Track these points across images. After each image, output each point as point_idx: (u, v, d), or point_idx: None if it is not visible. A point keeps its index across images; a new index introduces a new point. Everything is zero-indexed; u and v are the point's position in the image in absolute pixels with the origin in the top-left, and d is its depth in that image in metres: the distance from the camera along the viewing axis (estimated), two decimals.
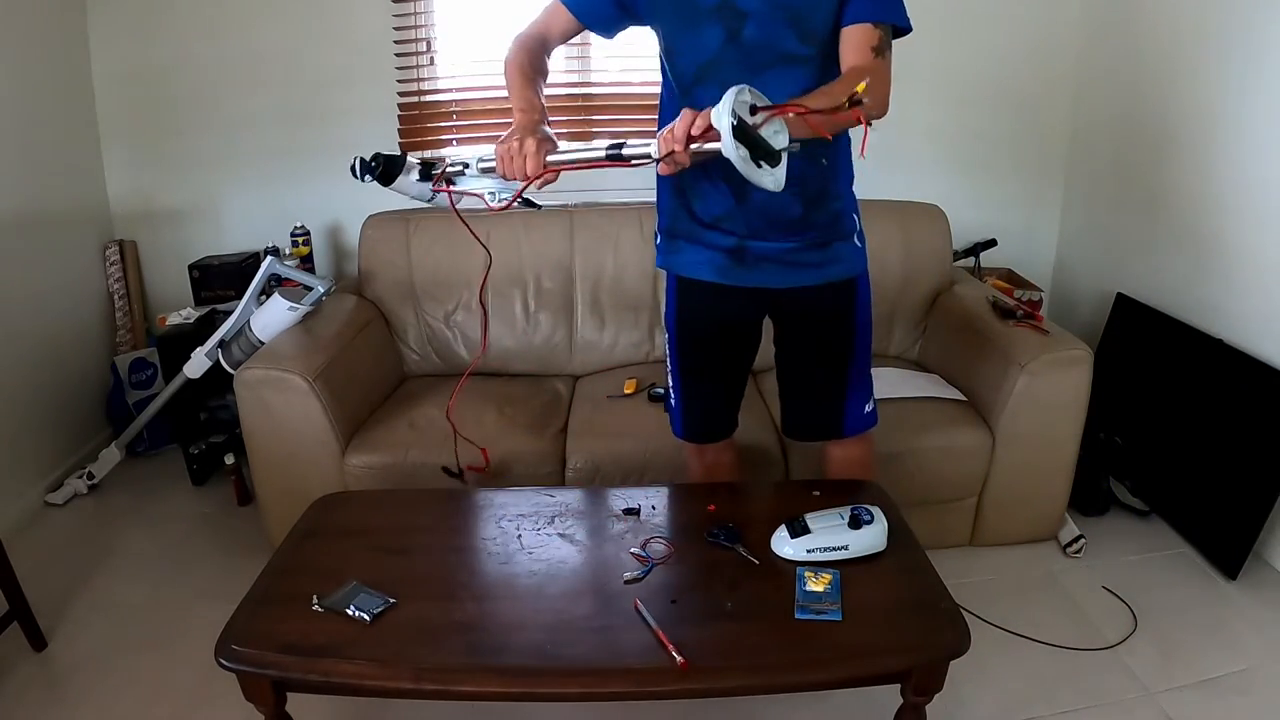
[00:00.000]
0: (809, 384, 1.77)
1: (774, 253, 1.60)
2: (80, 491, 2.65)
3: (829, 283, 1.64)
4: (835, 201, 1.61)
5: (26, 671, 1.90)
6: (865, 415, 1.79)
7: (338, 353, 2.27)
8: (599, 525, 1.63)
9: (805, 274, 1.62)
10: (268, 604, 1.40)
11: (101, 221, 2.95)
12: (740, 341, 1.78)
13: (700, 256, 1.64)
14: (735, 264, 1.62)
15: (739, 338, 1.77)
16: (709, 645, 1.29)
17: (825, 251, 1.62)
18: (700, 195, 1.59)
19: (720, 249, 1.61)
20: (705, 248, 1.63)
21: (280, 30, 2.81)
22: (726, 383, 1.82)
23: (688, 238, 1.65)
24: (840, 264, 1.65)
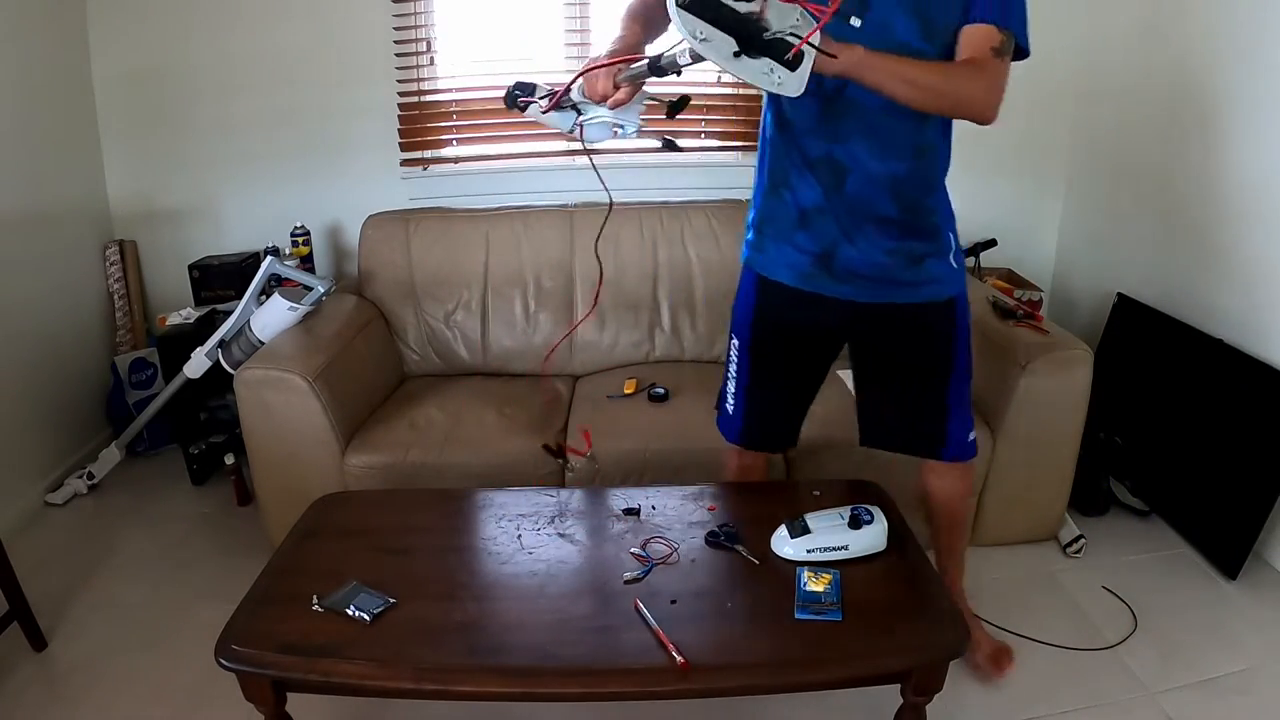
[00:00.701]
0: (901, 400, 1.69)
1: (864, 267, 1.53)
2: (80, 491, 2.65)
3: (926, 302, 1.57)
4: (932, 215, 1.55)
5: (26, 671, 1.90)
6: (968, 443, 1.71)
7: (338, 353, 2.27)
8: (599, 525, 1.63)
9: (897, 291, 1.55)
10: (268, 604, 1.40)
11: (101, 221, 2.95)
12: (817, 351, 1.71)
13: (786, 258, 1.58)
14: (821, 272, 1.55)
15: (816, 347, 1.70)
16: (709, 645, 1.29)
17: (918, 269, 1.55)
18: (792, 183, 1.53)
19: (808, 253, 1.55)
20: (793, 249, 1.57)
21: (280, 30, 2.81)
22: (793, 392, 1.76)
23: (776, 237, 1.59)
24: (935, 284, 1.57)
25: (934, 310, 1.59)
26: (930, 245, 1.55)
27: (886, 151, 1.44)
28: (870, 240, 1.51)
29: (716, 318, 2.67)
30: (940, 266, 1.57)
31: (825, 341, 1.70)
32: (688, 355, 2.68)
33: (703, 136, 3.04)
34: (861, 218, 1.50)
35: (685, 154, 3.07)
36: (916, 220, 1.53)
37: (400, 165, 2.96)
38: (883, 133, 1.42)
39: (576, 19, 2.88)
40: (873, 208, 1.49)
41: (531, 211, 2.74)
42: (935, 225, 1.56)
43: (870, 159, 1.44)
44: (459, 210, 2.79)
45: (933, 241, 1.55)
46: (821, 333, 1.67)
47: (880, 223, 1.50)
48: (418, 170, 2.98)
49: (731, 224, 2.69)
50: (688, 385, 2.41)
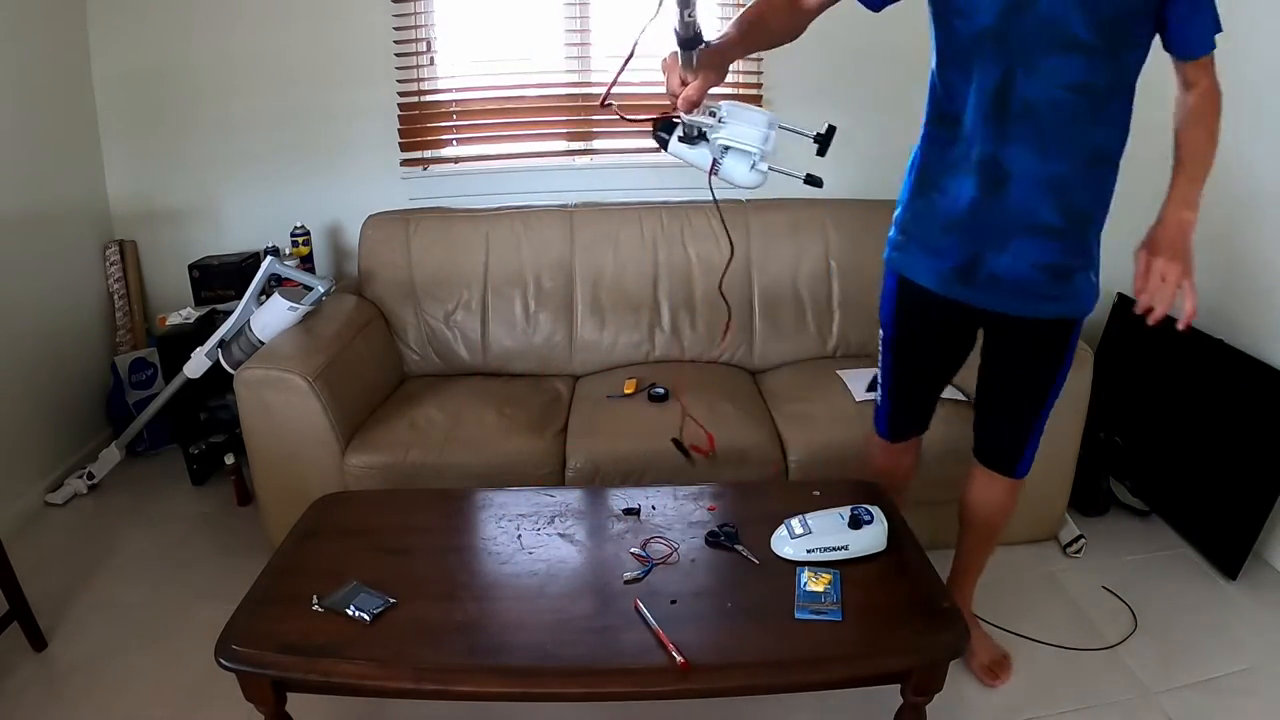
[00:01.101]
0: (1010, 410, 1.65)
1: (1010, 274, 1.44)
2: (80, 491, 2.65)
3: (1057, 318, 1.51)
4: (1094, 229, 1.47)
5: (26, 671, 1.90)
6: (1029, 463, 1.70)
7: (338, 353, 2.27)
8: (599, 525, 1.63)
9: (1040, 305, 1.47)
10: (268, 604, 1.40)
11: (101, 221, 2.95)
12: (955, 349, 1.68)
13: (929, 264, 1.52)
14: (962, 281, 1.48)
15: (954, 345, 1.67)
16: (709, 645, 1.29)
17: (1066, 284, 1.46)
18: (944, 185, 1.45)
19: (952, 259, 1.48)
20: (936, 257, 1.50)
21: (280, 30, 2.81)
22: (930, 384, 1.76)
23: (921, 241, 1.53)
24: (1076, 300, 1.49)
25: (1061, 327, 1.53)
26: (1083, 259, 1.46)
27: (1057, 155, 1.35)
28: (1022, 251, 1.42)
29: (716, 318, 2.67)
30: (1084, 281, 1.48)
31: (963, 339, 1.66)
32: (688, 355, 2.68)
33: None
34: (1017, 226, 1.41)
35: None
36: (1078, 232, 1.43)
37: (400, 165, 2.96)
38: (1054, 134, 1.32)
39: (576, 19, 2.88)
40: (1032, 216, 1.39)
41: (531, 211, 2.74)
42: (1091, 242, 1.47)
43: (1037, 163, 1.35)
44: (459, 210, 2.79)
45: (1085, 255, 1.46)
46: (960, 333, 1.64)
47: (1037, 232, 1.41)
48: (418, 170, 2.98)
49: (731, 224, 2.69)
50: (688, 385, 2.41)
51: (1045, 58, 1.26)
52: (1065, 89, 1.25)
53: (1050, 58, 1.26)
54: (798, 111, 2.91)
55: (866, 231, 2.65)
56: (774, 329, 2.67)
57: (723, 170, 1.16)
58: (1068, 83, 1.26)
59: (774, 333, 2.67)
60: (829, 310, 2.68)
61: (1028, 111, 1.31)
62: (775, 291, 2.68)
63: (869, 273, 2.63)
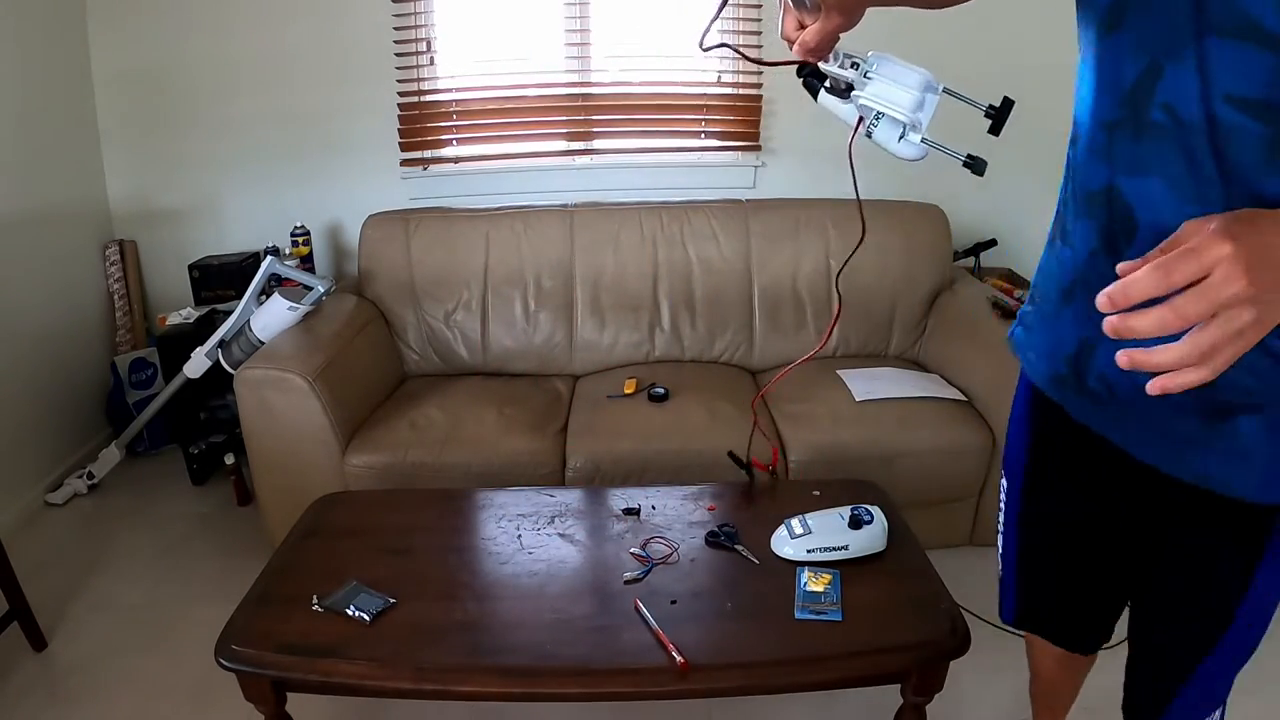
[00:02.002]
0: (1150, 646, 1.11)
1: (1124, 383, 0.87)
2: (80, 491, 2.65)
3: (1216, 493, 0.86)
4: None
5: (26, 671, 1.90)
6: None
7: (338, 353, 2.27)
8: (599, 525, 1.63)
9: (1173, 453, 0.89)
10: (268, 604, 1.40)
11: (101, 221, 2.95)
12: (1104, 519, 1.08)
13: (1043, 349, 1.02)
14: (1075, 383, 0.95)
15: (1102, 511, 1.07)
16: (709, 645, 1.29)
17: (1218, 426, 0.84)
18: (1068, 229, 0.97)
19: (1066, 347, 0.95)
20: (1053, 338, 0.99)
21: (280, 30, 2.81)
22: (1085, 570, 1.16)
23: (1042, 310, 1.02)
24: (1242, 463, 0.84)
25: (1228, 511, 0.87)
26: (1251, 386, 0.79)
27: (1204, 199, 0.78)
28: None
29: (716, 317, 2.67)
30: (1260, 433, 0.82)
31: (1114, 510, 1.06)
32: (688, 355, 2.68)
33: (703, 136, 3.04)
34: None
35: (685, 154, 3.08)
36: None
37: (400, 165, 2.96)
38: (1204, 169, 0.77)
39: (576, 19, 2.88)
40: None
41: (531, 211, 2.74)
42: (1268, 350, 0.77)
43: (1172, 204, 0.80)
44: (459, 210, 2.79)
45: (1256, 378, 0.78)
46: (1105, 491, 1.04)
47: None
48: (418, 170, 2.99)
49: (731, 224, 2.69)
50: (688, 385, 2.41)
51: (1213, 41, 0.75)
52: (1233, 103, 0.74)
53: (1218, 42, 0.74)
54: (794, 114, 2.92)
55: (867, 232, 2.65)
56: (774, 329, 2.68)
57: (876, 135, 0.92)
58: (1239, 93, 0.74)
59: (774, 333, 2.67)
60: (829, 310, 2.68)
61: (1173, 130, 0.79)
62: (775, 291, 2.68)
63: (869, 273, 2.65)
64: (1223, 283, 0.57)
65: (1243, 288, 0.57)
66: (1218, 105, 0.76)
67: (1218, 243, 0.58)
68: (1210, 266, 0.58)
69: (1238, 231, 0.59)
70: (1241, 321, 0.58)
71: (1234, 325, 0.58)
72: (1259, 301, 0.58)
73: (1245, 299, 0.57)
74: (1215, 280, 0.57)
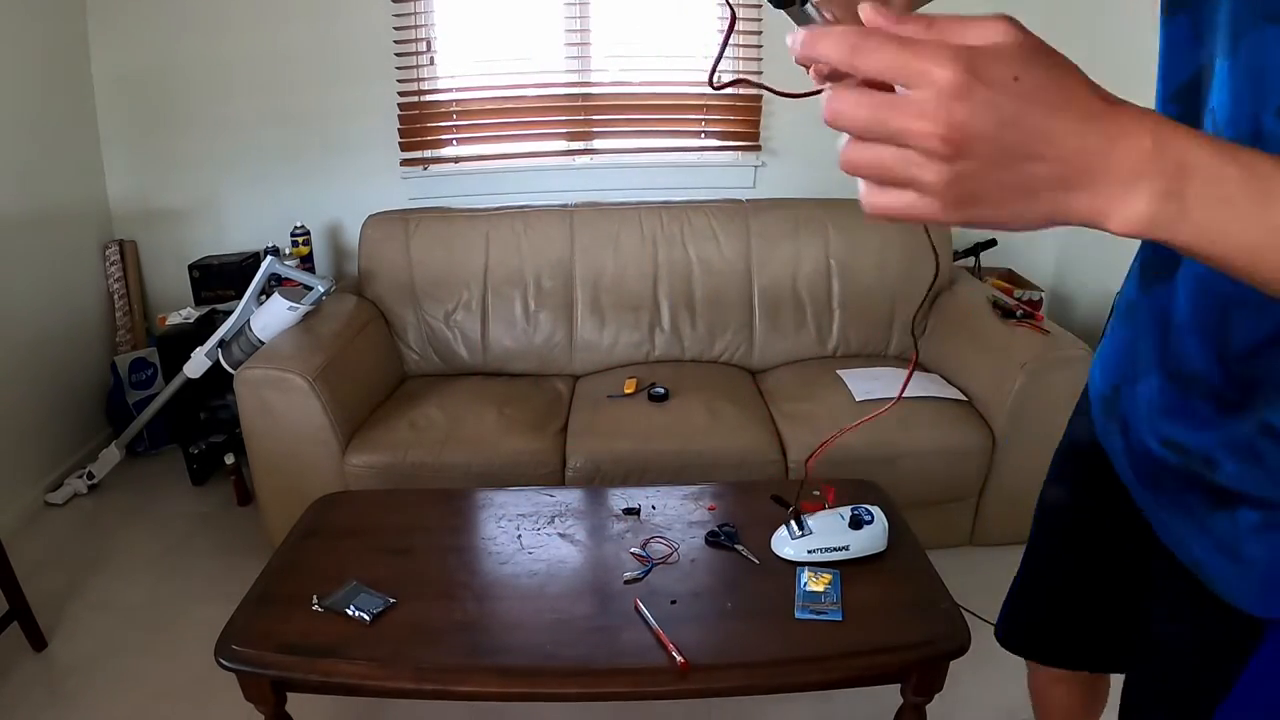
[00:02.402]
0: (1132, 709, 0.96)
1: (1136, 429, 0.79)
2: (80, 491, 2.65)
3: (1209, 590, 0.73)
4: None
5: (26, 671, 1.90)
6: None
7: (338, 353, 2.27)
8: (599, 525, 1.63)
9: (1179, 529, 0.76)
10: (268, 604, 1.40)
11: (101, 221, 2.95)
12: (1097, 536, 0.99)
13: (1101, 362, 0.90)
14: (1106, 412, 0.87)
15: (1097, 529, 0.98)
16: (709, 645, 1.29)
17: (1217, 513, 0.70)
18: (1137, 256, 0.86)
19: (1110, 378, 0.86)
20: (1110, 343, 0.89)
21: (280, 30, 2.81)
22: (1078, 580, 1.05)
23: (1112, 326, 0.91)
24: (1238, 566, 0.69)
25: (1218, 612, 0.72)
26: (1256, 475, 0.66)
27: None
28: (1153, 404, 0.76)
29: (716, 318, 2.67)
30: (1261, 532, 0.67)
31: (1107, 532, 0.96)
32: (688, 355, 2.68)
33: (703, 136, 3.04)
34: (1162, 354, 0.75)
35: (685, 154, 3.08)
36: (1247, 411, 0.66)
37: (400, 165, 2.96)
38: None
39: (576, 19, 2.88)
40: (1180, 344, 0.72)
41: (531, 211, 2.74)
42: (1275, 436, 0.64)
43: None
44: (459, 210, 2.79)
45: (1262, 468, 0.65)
46: (1101, 511, 0.94)
47: (1180, 379, 0.72)
48: (418, 170, 2.99)
49: (731, 224, 2.69)
50: (688, 385, 2.41)
51: (1268, 45, 0.57)
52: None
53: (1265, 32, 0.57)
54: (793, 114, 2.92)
55: (867, 231, 2.65)
56: (774, 329, 2.68)
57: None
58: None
59: (774, 333, 2.67)
60: (829, 310, 2.68)
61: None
62: (775, 291, 2.68)
63: (869, 273, 2.65)
64: (913, 111, 0.39)
65: (931, 132, 0.39)
66: (1267, 117, 0.57)
67: (944, 62, 0.38)
68: (915, 78, 0.39)
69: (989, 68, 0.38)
70: (915, 174, 0.40)
71: (904, 170, 0.41)
72: (953, 168, 0.39)
73: (932, 150, 0.39)
74: (909, 100, 0.39)
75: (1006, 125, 0.39)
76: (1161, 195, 0.40)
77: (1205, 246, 0.42)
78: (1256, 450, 0.64)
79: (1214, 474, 0.68)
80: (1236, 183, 0.41)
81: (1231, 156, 0.41)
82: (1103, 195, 0.40)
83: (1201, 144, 0.41)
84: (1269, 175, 0.41)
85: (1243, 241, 0.42)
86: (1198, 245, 0.42)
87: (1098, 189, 0.40)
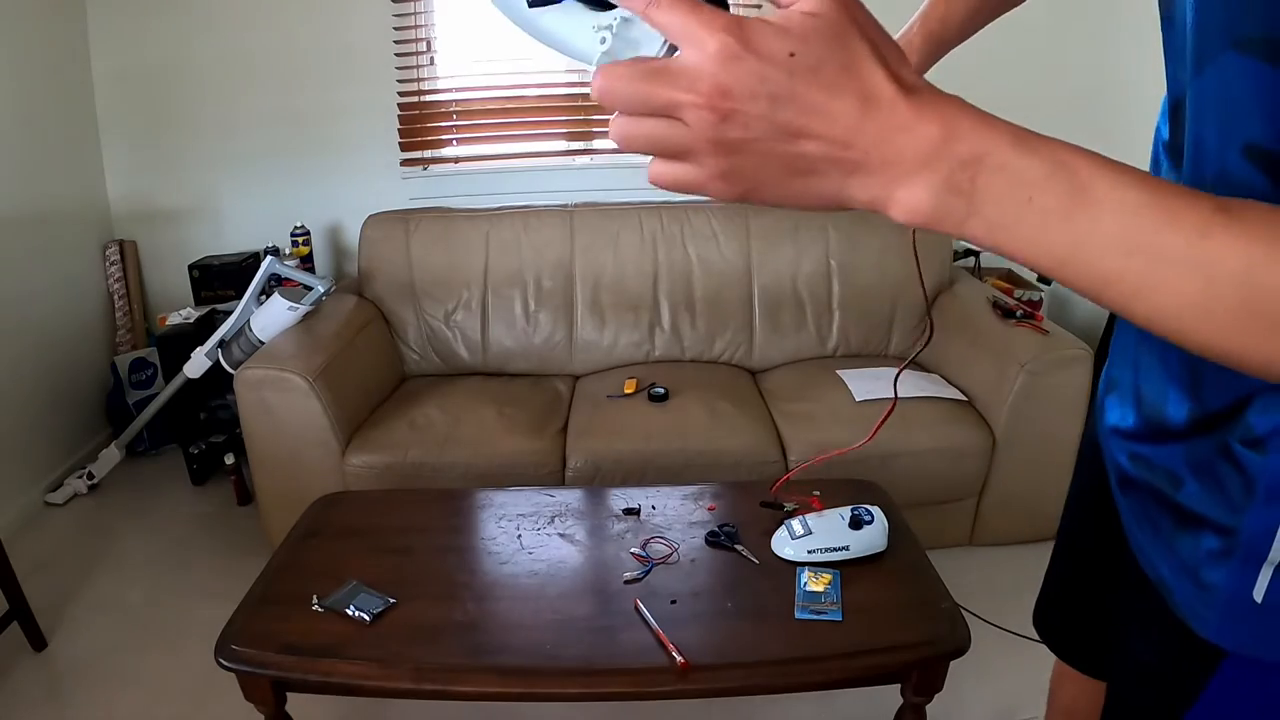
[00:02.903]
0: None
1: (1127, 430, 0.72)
2: (80, 491, 2.65)
3: (1165, 610, 0.68)
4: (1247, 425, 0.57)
5: (26, 671, 1.90)
6: None
7: (338, 353, 2.27)
8: (599, 525, 1.63)
9: (1145, 538, 0.71)
10: (268, 604, 1.40)
11: (101, 221, 2.95)
12: (1094, 523, 0.95)
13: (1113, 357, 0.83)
14: (1095, 410, 0.85)
15: (1097, 520, 0.92)
16: (709, 645, 1.29)
17: (1185, 534, 0.64)
18: None
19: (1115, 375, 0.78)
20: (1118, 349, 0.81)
21: (280, 30, 2.81)
22: (1085, 569, 1.02)
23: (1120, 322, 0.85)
24: (1202, 591, 0.63)
25: (1180, 632, 0.66)
26: (1216, 500, 0.61)
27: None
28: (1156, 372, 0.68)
29: (716, 317, 2.67)
30: (1222, 560, 0.61)
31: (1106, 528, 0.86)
32: (688, 355, 2.68)
33: None
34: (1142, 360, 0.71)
35: None
36: (1208, 442, 0.62)
37: (400, 165, 2.96)
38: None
39: None
40: (1156, 366, 0.69)
41: (531, 211, 2.74)
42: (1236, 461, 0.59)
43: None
44: (459, 210, 2.80)
45: (1221, 492, 0.60)
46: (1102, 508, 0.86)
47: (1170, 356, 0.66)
48: (418, 170, 2.99)
49: (731, 224, 2.69)
50: (688, 385, 2.41)
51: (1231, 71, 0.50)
52: (1254, 157, 0.50)
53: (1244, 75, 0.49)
54: None
55: (867, 232, 2.65)
56: (774, 329, 2.68)
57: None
58: (1263, 141, 0.49)
59: (774, 333, 2.67)
60: (829, 310, 2.68)
61: (1190, 180, 0.58)
62: (775, 291, 2.68)
63: (869, 273, 2.65)
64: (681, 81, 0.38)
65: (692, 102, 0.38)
66: (1232, 156, 0.51)
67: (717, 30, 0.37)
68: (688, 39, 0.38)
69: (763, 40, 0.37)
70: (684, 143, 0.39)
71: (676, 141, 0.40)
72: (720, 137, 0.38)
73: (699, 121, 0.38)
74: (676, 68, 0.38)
75: (777, 100, 0.37)
76: (944, 187, 0.38)
77: (1002, 247, 0.40)
78: (1216, 472, 0.60)
79: (1177, 493, 0.65)
80: (1041, 182, 0.38)
81: (1041, 152, 0.38)
82: (881, 182, 0.39)
83: (1004, 135, 0.38)
84: (1087, 179, 0.38)
85: (1044, 247, 0.39)
86: (992, 244, 0.40)
87: (874, 175, 0.39)
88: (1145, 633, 0.76)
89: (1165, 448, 0.67)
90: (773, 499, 1.65)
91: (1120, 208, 0.37)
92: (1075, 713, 1.14)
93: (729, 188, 0.41)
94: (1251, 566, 0.59)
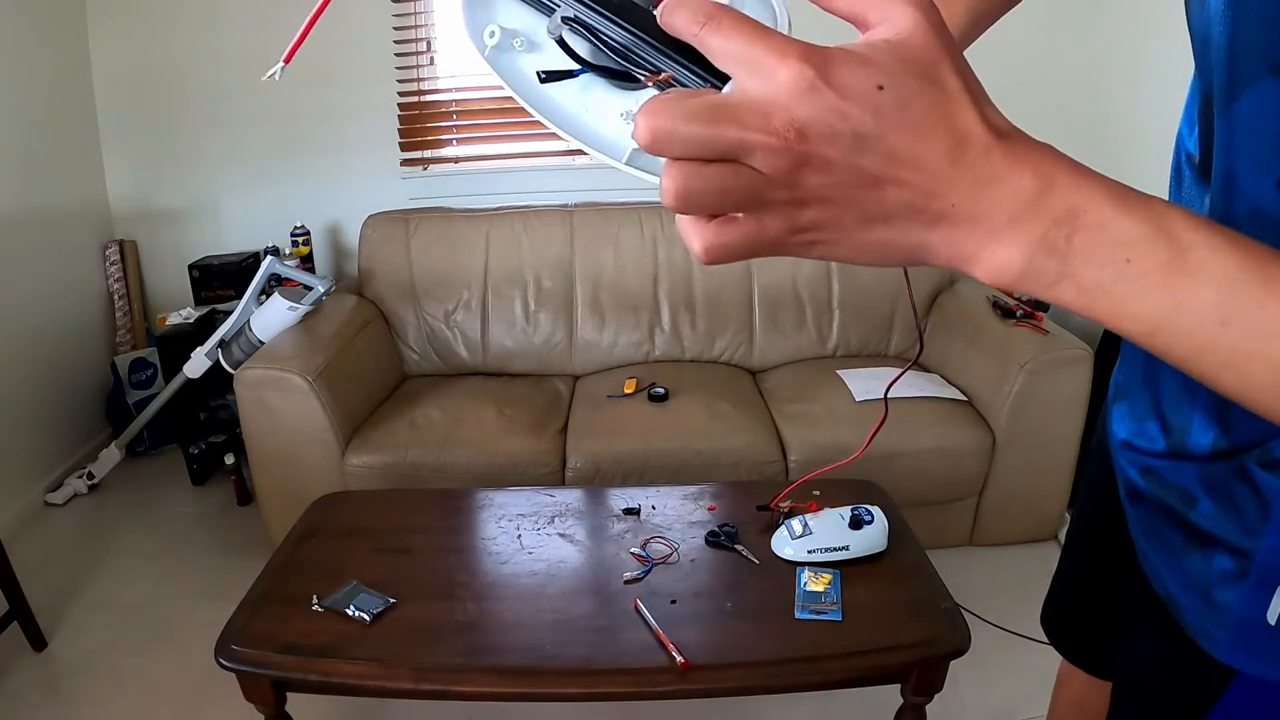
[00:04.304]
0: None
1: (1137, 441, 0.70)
2: (80, 491, 2.65)
3: (1177, 630, 0.67)
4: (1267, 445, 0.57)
5: (26, 671, 1.90)
6: None
7: (338, 352, 2.27)
8: (599, 525, 1.63)
9: (1154, 552, 0.69)
10: (268, 604, 1.40)
11: (101, 221, 2.95)
12: (1103, 526, 0.90)
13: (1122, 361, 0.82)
14: (1103, 417, 0.85)
15: (1106, 523, 0.87)
16: (709, 645, 1.29)
17: (1198, 553, 0.63)
18: None
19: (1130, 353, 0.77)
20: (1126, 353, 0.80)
21: (280, 30, 2.79)
22: (1094, 572, 0.98)
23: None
24: (1214, 611, 0.62)
25: (1188, 649, 0.65)
26: (1232, 521, 0.60)
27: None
28: (1142, 415, 0.70)
29: (716, 317, 2.67)
30: (1236, 583, 0.60)
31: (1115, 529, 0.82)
32: (688, 355, 2.68)
33: None
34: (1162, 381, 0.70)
35: None
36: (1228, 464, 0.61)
37: (400, 165, 2.96)
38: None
39: None
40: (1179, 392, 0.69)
41: (531, 211, 2.74)
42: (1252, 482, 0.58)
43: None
44: (459, 210, 2.79)
45: (1238, 513, 0.59)
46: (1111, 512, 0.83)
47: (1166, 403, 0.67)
48: (418, 170, 2.98)
49: None
50: (687, 385, 2.41)
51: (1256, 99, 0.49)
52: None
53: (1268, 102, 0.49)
54: None
55: None
56: (774, 329, 2.68)
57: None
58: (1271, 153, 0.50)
59: (774, 333, 2.67)
60: (829, 310, 2.68)
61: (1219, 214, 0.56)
62: (775, 291, 2.68)
63: (869, 272, 2.65)
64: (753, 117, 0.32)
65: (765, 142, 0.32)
66: (1267, 189, 0.49)
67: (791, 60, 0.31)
68: (755, 69, 0.32)
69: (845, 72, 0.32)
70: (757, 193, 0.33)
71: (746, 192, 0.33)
72: (796, 183, 0.33)
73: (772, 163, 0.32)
74: (744, 102, 0.32)
75: (861, 142, 0.32)
76: (1038, 245, 0.34)
77: (1092, 309, 0.35)
78: (1231, 493, 0.58)
79: (1190, 511, 0.63)
80: (1140, 244, 0.34)
81: (1141, 210, 0.34)
82: (967, 237, 0.34)
83: (1101, 190, 0.34)
84: (1188, 243, 0.34)
85: (1137, 312, 0.35)
86: (1082, 306, 0.35)
87: (959, 229, 0.34)
88: (1153, 648, 0.74)
89: (1180, 465, 0.65)
90: (771, 509, 1.63)
91: (1220, 274, 0.34)
92: (1080, 711, 1.13)
93: (804, 245, 0.35)
94: (1266, 589, 0.58)
